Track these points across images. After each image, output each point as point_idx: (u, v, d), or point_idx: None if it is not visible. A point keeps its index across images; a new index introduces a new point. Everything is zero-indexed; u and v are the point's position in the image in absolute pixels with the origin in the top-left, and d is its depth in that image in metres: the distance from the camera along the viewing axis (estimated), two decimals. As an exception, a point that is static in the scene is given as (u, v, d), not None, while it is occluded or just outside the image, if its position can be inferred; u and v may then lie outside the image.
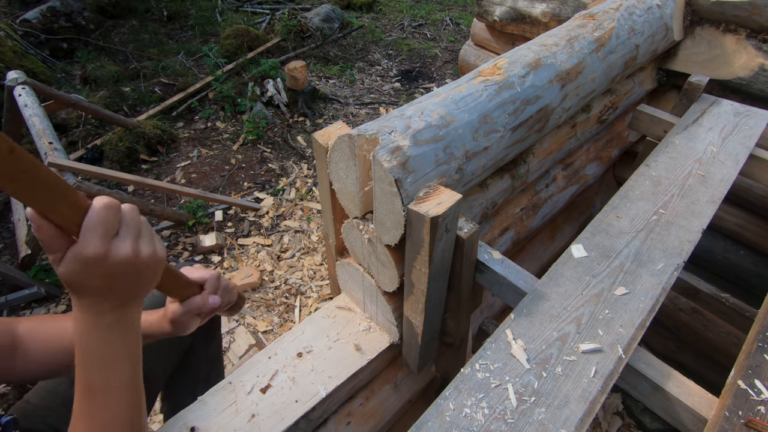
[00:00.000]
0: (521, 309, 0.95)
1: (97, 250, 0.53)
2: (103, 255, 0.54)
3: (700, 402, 0.87)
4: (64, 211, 0.52)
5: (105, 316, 0.59)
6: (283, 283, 2.47)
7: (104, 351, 0.60)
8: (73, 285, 0.56)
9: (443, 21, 5.59)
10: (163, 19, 5.12)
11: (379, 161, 0.90)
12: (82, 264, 0.54)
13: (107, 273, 0.56)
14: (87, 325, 0.59)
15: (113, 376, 0.62)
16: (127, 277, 0.58)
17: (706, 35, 1.79)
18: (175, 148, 3.38)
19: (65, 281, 0.55)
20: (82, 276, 0.55)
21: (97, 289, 0.57)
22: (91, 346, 0.59)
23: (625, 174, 2.24)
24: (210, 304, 0.84)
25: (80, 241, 0.53)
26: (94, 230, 0.53)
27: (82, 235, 0.53)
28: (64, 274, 0.54)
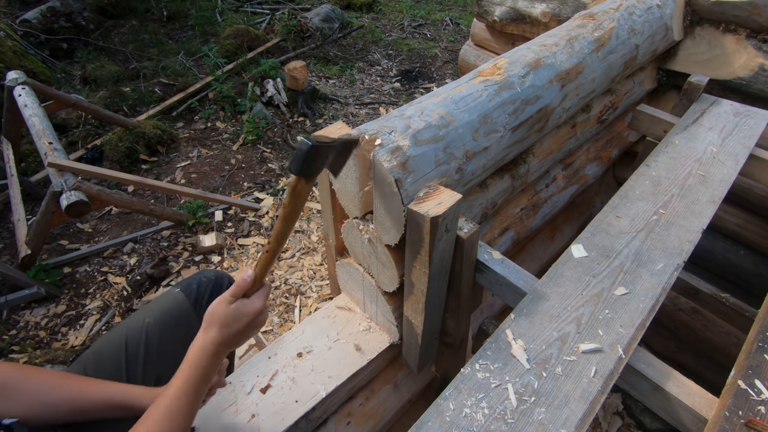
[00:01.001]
0: (521, 309, 0.95)
1: (261, 306, 0.82)
2: (260, 310, 0.82)
3: (700, 402, 0.87)
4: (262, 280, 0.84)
5: (219, 349, 0.79)
6: (283, 283, 2.47)
7: (208, 372, 0.79)
8: (223, 321, 0.78)
9: (443, 21, 5.59)
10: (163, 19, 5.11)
11: (379, 161, 0.90)
12: (244, 313, 0.80)
13: (250, 323, 0.81)
14: (205, 348, 0.78)
15: (201, 391, 0.79)
16: (250, 330, 0.82)
17: (706, 35, 1.79)
18: (175, 148, 3.38)
19: (222, 316, 0.79)
20: (237, 319, 0.79)
21: (234, 329, 0.79)
22: (204, 364, 0.78)
23: (625, 174, 2.24)
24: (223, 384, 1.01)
25: (253, 298, 0.82)
26: (264, 296, 0.84)
27: (257, 295, 0.83)
28: (227, 311, 0.79)
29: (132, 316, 1.09)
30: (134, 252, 2.61)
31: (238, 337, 0.81)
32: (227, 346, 0.80)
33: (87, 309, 2.33)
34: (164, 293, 1.14)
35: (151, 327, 1.04)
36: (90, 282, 2.45)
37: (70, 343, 2.16)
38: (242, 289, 0.81)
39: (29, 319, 2.26)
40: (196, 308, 1.11)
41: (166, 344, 1.05)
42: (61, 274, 2.47)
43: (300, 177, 0.76)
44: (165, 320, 1.07)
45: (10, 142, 2.87)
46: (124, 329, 1.04)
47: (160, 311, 1.08)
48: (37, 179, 2.96)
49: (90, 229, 2.76)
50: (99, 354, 1.01)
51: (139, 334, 1.03)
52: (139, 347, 1.01)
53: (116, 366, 0.99)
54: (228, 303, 0.79)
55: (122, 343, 1.01)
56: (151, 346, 1.03)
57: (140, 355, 1.01)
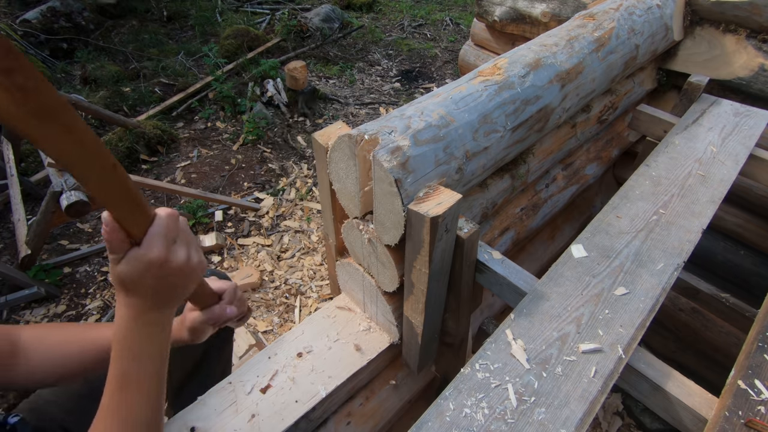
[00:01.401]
0: (521, 309, 0.95)
1: (160, 254, 0.60)
2: (164, 259, 0.61)
3: (700, 402, 0.87)
4: (137, 218, 0.59)
5: (147, 314, 0.64)
6: (283, 283, 2.47)
7: (141, 346, 0.65)
8: (127, 283, 0.61)
9: (443, 21, 5.59)
10: (163, 20, 5.12)
11: (379, 161, 0.90)
12: (143, 265, 0.60)
13: (162, 275, 0.62)
14: (129, 321, 0.63)
15: (146, 371, 0.66)
16: (176, 281, 0.64)
17: (706, 35, 1.79)
18: (175, 148, 3.38)
19: (121, 279, 0.61)
20: (139, 276, 0.60)
21: (148, 288, 0.62)
22: (129, 339, 0.64)
23: (625, 174, 2.24)
24: (227, 314, 0.89)
25: (145, 245, 0.60)
26: (159, 237, 0.60)
27: (148, 240, 0.60)
28: (122, 272, 0.60)
29: None
30: (134, 252, 2.61)
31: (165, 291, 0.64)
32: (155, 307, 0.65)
33: (87, 309, 2.33)
34: None
35: None
36: (90, 282, 2.45)
37: (70, 343, 2.16)
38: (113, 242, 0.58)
39: (29, 319, 2.26)
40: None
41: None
42: (61, 274, 2.47)
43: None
44: None
45: (10, 142, 2.87)
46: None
47: None
48: (37, 179, 2.96)
49: (90, 229, 2.76)
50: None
51: None
52: None
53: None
54: (115, 263, 0.60)
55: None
56: None
57: None
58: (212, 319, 0.87)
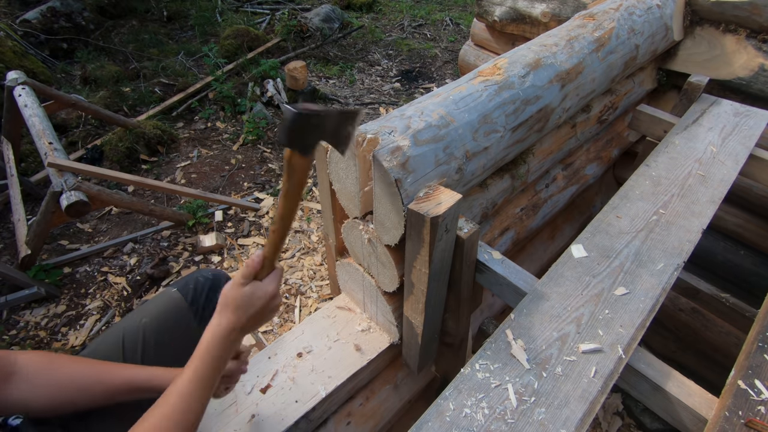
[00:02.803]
0: (521, 309, 0.95)
1: (275, 290, 0.80)
2: (274, 294, 0.80)
3: (700, 402, 0.87)
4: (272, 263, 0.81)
5: (236, 332, 0.78)
6: (283, 283, 2.47)
7: (222, 356, 0.77)
8: (238, 303, 0.77)
9: (443, 21, 5.59)
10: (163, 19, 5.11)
11: (379, 161, 0.90)
12: (257, 296, 0.78)
13: (264, 307, 0.79)
14: (222, 332, 0.77)
15: (215, 376, 0.78)
16: (267, 315, 0.81)
17: (706, 35, 1.79)
18: (175, 148, 3.38)
19: (234, 299, 0.77)
20: (251, 300, 0.78)
21: (251, 312, 0.78)
22: (216, 348, 0.77)
23: (625, 174, 2.24)
24: (243, 370, 1.00)
25: (266, 281, 0.80)
26: (277, 279, 0.82)
27: (270, 278, 0.81)
28: (240, 294, 0.77)
29: (128, 316, 1.08)
30: (134, 252, 2.61)
31: (253, 321, 0.79)
32: (242, 330, 0.79)
33: (87, 309, 2.32)
34: (161, 293, 1.14)
35: (148, 327, 1.04)
36: (90, 282, 2.45)
37: (70, 344, 2.16)
38: (252, 270, 0.79)
39: (29, 319, 2.26)
40: (193, 308, 1.11)
41: (164, 344, 1.04)
42: (61, 274, 2.47)
43: (293, 150, 0.69)
44: (162, 320, 1.06)
45: (10, 142, 2.87)
46: (120, 329, 1.04)
47: (157, 311, 1.08)
48: (37, 179, 2.96)
49: (90, 229, 2.76)
50: (96, 354, 1.01)
51: (136, 334, 1.03)
52: (136, 347, 1.01)
53: None
54: (241, 285, 0.78)
55: (119, 344, 1.01)
56: (148, 346, 1.02)
57: (137, 356, 1.01)
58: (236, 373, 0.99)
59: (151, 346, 1.02)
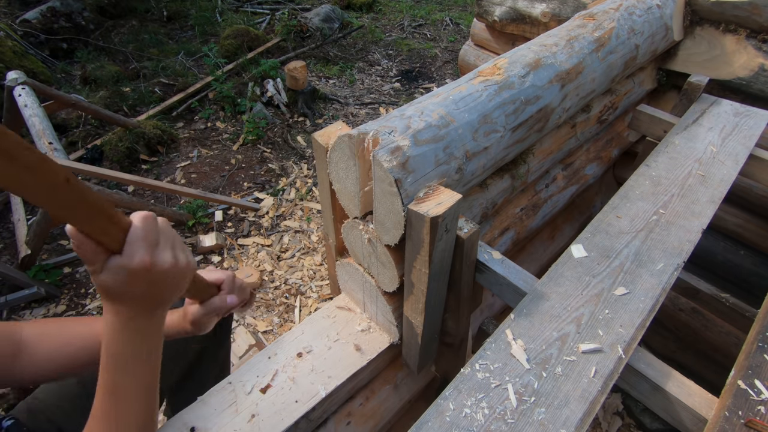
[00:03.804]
0: (521, 309, 0.95)
1: (144, 260, 0.58)
2: (149, 265, 0.59)
3: (700, 402, 0.87)
4: (107, 228, 0.56)
5: (136, 320, 0.62)
6: (283, 283, 2.47)
7: (131, 353, 0.64)
8: (112, 293, 0.59)
9: (443, 21, 5.59)
10: (163, 19, 5.11)
11: (379, 161, 0.90)
12: (127, 274, 0.58)
13: (149, 281, 0.60)
14: (118, 329, 0.62)
15: (136, 377, 0.65)
16: (165, 284, 0.62)
17: (706, 35, 1.79)
18: (175, 148, 3.38)
19: (105, 289, 0.59)
20: (124, 285, 0.58)
21: (136, 296, 0.61)
22: (119, 348, 0.62)
23: (625, 174, 2.24)
24: (228, 303, 0.89)
25: (126, 254, 0.57)
26: (138, 243, 0.58)
27: (128, 247, 0.57)
28: (106, 283, 0.58)
29: None
30: (134, 252, 2.61)
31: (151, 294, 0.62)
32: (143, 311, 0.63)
33: (87, 309, 2.33)
34: None
35: None
36: (90, 282, 2.45)
37: (70, 343, 2.16)
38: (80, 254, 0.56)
39: (29, 319, 2.26)
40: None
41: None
42: (61, 274, 2.47)
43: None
44: None
45: (10, 142, 2.87)
46: None
47: None
48: (37, 179, 2.95)
49: (90, 229, 2.76)
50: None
51: None
52: None
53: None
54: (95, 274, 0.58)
55: None
56: None
57: None
58: (213, 311, 0.87)
59: None
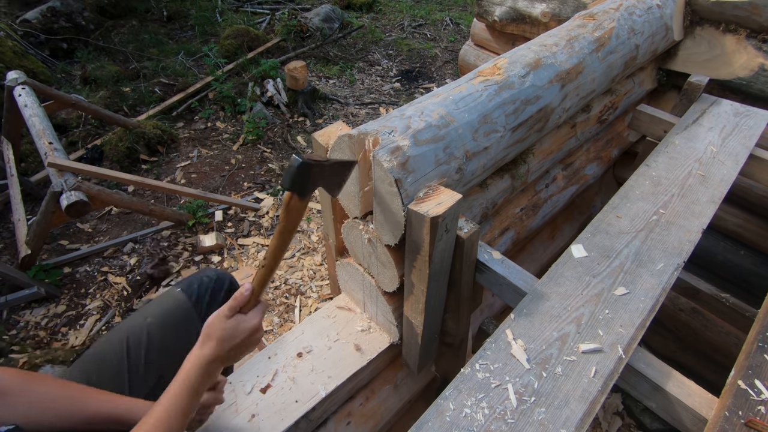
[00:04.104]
0: (521, 309, 0.95)
1: (259, 324, 0.82)
2: (257, 328, 0.82)
3: (700, 402, 0.87)
4: (258, 297, 0.83)
5: (216, 363, 0.78)
6: (283, 283, 2.47)
7: (200, 387, 0.78)
8: (221, 335, 0.78)
9: (443, 21, 5.59)
10: (163, 19, 5.11)
11: (379, 161, 0.90)
12: (241, 329, 0.79)
13: (246, 339, 0.80)
14: (202, 363, 0.77)
15: (193, 406, 0.78)
16: (248, 347, 0.82)
17: (706, 35, 1.79)
18: (175, 148, 3.38)
19: (219, 330, 0.78)
20: (235, 333, 0.79)
21: (232, 345, 0.79)
22: (196, 379, 0.77)
23: (625, 174, 2.24)
24: (219, 400, 0.99)
25: (251, 315, 0.81)
26: (261, 313, 0.83)
27: (255, 311, 0.82)
28: (225, 326, 0.78)
29: (132, 315, 1.08)
30: (134, 252, 2.61)
31: (234, 353, 0.80)
32: (222, 362, 0.80)
33: (87, 309, 2.33)
34: (165, 293, 1.14)
35: (152, 327, 1.04)
36: (90, 282, 2.45)
37: (70, 343, 2.16)
38: (240, 303, 0.80)
39: (29, 319, 2.26)
40: (197, 308, 1.11)
41: (168, 344, 1.05)
42: (61, 274, 2.47)
43: (293, 193, 0.78)
44: (166, 320, 1.07)
45: (10, 142, 2.87)
46: (124, 329, 1.04)
47: (160, 311, 1.08)
48: (37, 179, 2.96)
49: (90, 229, 2.76)
50: (100, 354, 1.01)
51: (140, 333, 1.03)
52: (140, 347, 1.01)
53: (118, 366, 0.99)
54: (226, 317, 0.79)
55: (123, 343, 1.01)
56: (152, 345, 1.02)
57: (141, 355, 1.01)
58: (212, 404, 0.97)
59: (154, 346, 1.03)
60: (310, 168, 0.76)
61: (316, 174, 0.79)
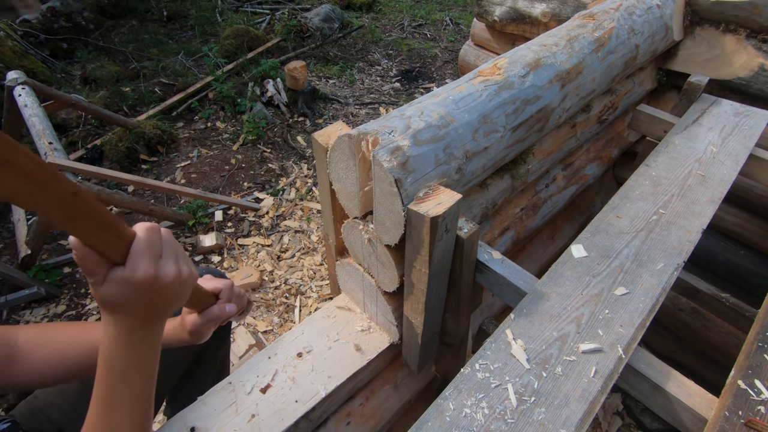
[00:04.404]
0: (521, 309, 0.95)
1: (148, 273, 0.57)
2: (152, 277, 0.58)
3: (700, 402, 0.87)
4: (111, 240, 0.55)
5: (136, 332, 0.62)
6: (283, 283, 2.47)
7: (128, 365, 0.63)
8: (114, 305, 0.58)
9: (443, 21, 5.59)
10: (163, 19, 5.11)
11: (379, 161, 0.90)
12: (131, 286, 0.57)
13: (152, 293, 0.59)
14: (118, 340, 0.61)
15: (134, 389, 0.64)
16: (167, 296, 0.62)
17: (706, 35, 1.79)
18: (175, 148, 3.38)
19: (107, 301, 0.58)
20: (127, 297, 0.57)
21: (137, 308, 0.60)
22: (116, 359, 0.62)
23: (625, 174, 2.24)
24: (227, 312, 0.88)
25: (129, 266, 0.56)
26: (142, 255, 0.57)
27: (131, 259, 0.56)
28: (107, 295, 0.57)
29: None
30: (134, 252, 2.61)
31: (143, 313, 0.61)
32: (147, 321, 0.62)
33: (87, 309, 2.33)
34: None
35: None
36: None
37: (70, 343, 2.16)
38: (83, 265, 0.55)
39: (29, 319, 2.26)
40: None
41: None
42: (61, 274, 2.47)
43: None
44: None
45: (10, 142, 2.87)
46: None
47: None
48: (37, 179, 2.95)
49: (90, 229, 2.76)
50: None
51: None
52: None
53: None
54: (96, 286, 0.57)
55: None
56: None
57: None
58: (212, 320, 0.87)
59: None
60: None
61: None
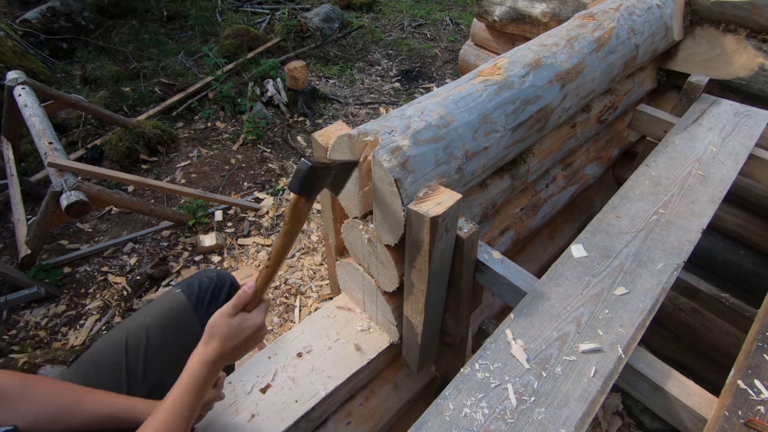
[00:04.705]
0: (521, 309, 0.95)
1: (262, 322, 0.84)
2: (260, 326, 0.83)
3: (700, 402, 0.87)
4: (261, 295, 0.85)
5: (219, 362, 0.80)
6: (283, 283, 2.47)
7: (205, 384, 0.79)
8: (225, 334, 0.79)
9: (443, 21, 5.59)
10: (163, 19, 5.11)
11: (379, 161, 0.90)
12: (246, 327, 0.81)
13: (250, 337, 0.82)
14: (206, 362, 0.79)
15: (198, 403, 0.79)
16: (251, 345, 0.84)
17: (706, 35, 1.79)
18: (175, 148, 3.38)
19: (223, 329, 0.79)
20: (238, 332, 0.80)
21: (236, 343, 0.80)
22: (200, 377, 0.79)
23: (625, 174, 2.24)
24: (219, 396, 1.00)
25: (254, 314, 0.83)
26: (264, 312, 0.85)
27: (258, 311, 0.84)
28: (229, 325, 0.80)
29: (132, 316, 1.08)
30: (134, 252, 2.61)
31: (237, 351, 0.82)
32: (226, 360, 0.81)
33: (87, 309, 2.33)
34: (165, 293, 1.14)
35: (151, 327, 1.04)
36: (90, 282, 2.45)
37: (70, 343, 2.16)
38: (243, 302, 0.82)
39: (29, 319, 2.26)
40: (197, 309, 1.11)
41: (167, 344, 1.04)
42: (61, 274, 2.47)
43: (300, 196, 0.80)
44: (166, 320, 1.06)
45: (10, 142, 2.87)
46: (124, 329, 1.04)
47: (160, 311, 1.08)
48: (37, 179, 2.96)
49: (90, 229, 2.76)
50: (100, 354, 1.01)
51: (140, 334, 1.03)
52: (139, 347, 1.01)
53: (117, 366, 0.99)
54: (230, 316, 0.80)
55: (123, 344, 1.01)
56: (152, 346, 1.02)
57: (141, 356, 1.01)
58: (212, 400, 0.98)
59: (154, 347, 1.02)
60: (318, 171, 0.79)
61: (322, 176, 0.82)
